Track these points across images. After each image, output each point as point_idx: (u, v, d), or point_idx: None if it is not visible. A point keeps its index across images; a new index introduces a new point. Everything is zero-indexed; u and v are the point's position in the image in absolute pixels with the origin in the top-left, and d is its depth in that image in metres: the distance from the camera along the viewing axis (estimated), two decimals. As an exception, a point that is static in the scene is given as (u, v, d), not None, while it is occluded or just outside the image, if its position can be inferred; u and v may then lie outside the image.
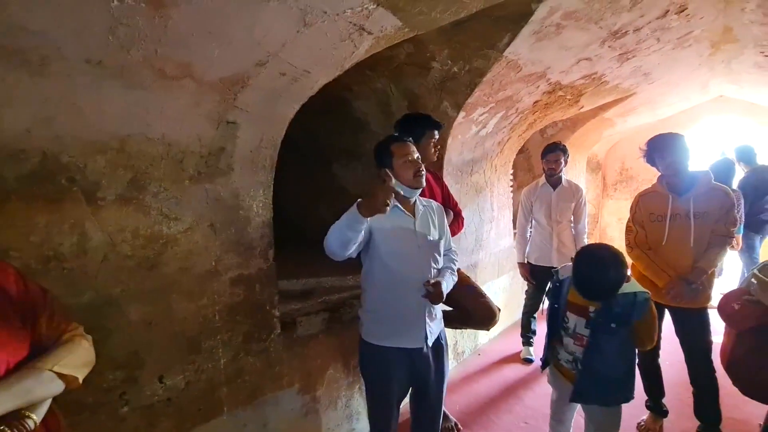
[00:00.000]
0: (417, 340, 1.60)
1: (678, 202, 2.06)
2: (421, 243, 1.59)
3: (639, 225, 2.20)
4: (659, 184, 2.16)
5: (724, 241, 2.02)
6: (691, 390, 2.19)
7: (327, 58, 1.46)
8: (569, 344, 1.62)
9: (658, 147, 2.07)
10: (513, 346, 3.36)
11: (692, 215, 2.03)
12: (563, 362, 1.67)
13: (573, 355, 1.62)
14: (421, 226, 1.61)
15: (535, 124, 3.39)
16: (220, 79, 1.31)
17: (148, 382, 1.35)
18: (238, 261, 1.58)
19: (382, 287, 1.58)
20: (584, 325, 1.56)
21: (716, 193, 2.04)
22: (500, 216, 3.59)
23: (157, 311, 1.36)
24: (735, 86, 4.19)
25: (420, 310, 1.59)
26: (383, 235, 1.53)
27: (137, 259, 1.31)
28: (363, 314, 1.67)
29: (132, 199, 1.28)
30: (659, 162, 2.08)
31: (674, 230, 2.06)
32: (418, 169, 1.54)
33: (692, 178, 2.06)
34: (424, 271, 1.59)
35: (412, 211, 1.60)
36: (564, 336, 1.64)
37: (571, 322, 1.61)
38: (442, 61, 2.15)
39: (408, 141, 1.59)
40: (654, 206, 2.14)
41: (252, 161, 1.59)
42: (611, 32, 2.10)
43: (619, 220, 6.33)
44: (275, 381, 1.76)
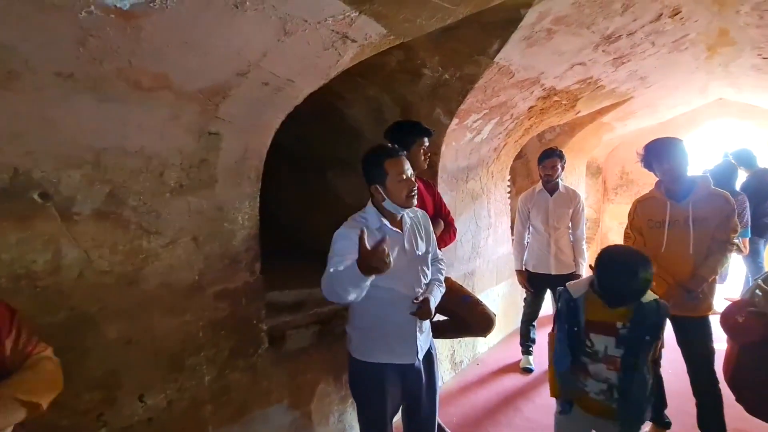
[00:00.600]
0: (408, 356, 1.56)
1: (676, 208, 2.02)
2: (411, 258, 1.55)
3: (637, 231, 2.16)
4: (657, 189, 2.12)
5: (725, 247, 1.98)
6: (694, 401, 2.12)
7: (311, 67, 1.44)
8: (600, 371, 1.42)
9: (656, 152, 2.03)
10: (512, 355, 3.29)
11: (691, 221, 1.98)
12: (592, 395, 1.45)
13: (608, 382, 1.41)
14: (410, 241, 1.56)
15: (531, 130, 3.36)
16: (199, 90, 1.28)
17: (127, 402, 1.31)
18: (222, 275, 1.55)
19: (371, 304, 1.51)
20: (614, 344, 1.40)
21: (716, 199, 1.99)
22: (498, 223, 3.54)
23: (137, 328, 1.32)
24: (734, 89, 4.15)
25: (410, 325, 1.55)
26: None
27: (115, 275, 1.27)
28: (351, 330, 1.62)
29: (109, 214, 1.25)
30: (657, 167, 2.04)
31: (673, 237, 2.02)
32: (411, 189, 1.47)
33: (691, 183, 2.02)
34: (413, 285, 1.55)
35: (399, 226, 1.55)
36: (590, 363, 1.44)
37: (599, 345, 1.42)
38: (433, 68, 2.12)
39: (401, 155, 1.49)
40: (652, 212, 2.10)
41: (236, 172, 1.56)
42: (604, 37, 2.07)
43: (621, 224, 6.25)
44: (263, 397, 1.72)
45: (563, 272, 2.94)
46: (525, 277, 3.07)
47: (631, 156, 6.48)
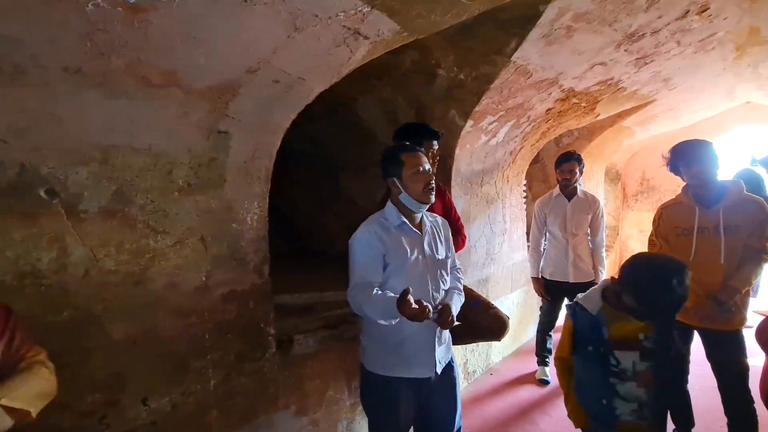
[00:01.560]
0: (426, 369, 1.47)
1: (706, 215, 1.90)
2: (430, 261, 1.48)
3: (663, 239, 2.05)
4: (684, 194, 2.01)
5: (759, 256, 1.85)
6: (725, 420, 1.99)
7: (322, 64, 1.40)
8: (631, 390, 1.30)
9: (683, 155, 1.91)
10: (527, 366, 3.18)
11: (722, 229, 1.86)
12: (624, 417, 1.32)
13: (638, 401, 1.30)
14: (429, 244, 1.50)
15: (548, 133, 3.27)
16: (208, 88, 1.26)
17: (130, 404, 1.28)
18: (230, 276, 1.52)
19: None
20: (639, 358, 1.30)
21: (749, 205, 1.87)
22: (513, 228, 3.45)
23: (142, 329, 1.30)
24: (763, 92, 3.98)
25: (429, 335, 1.46)
26: (392, 255, 1.42)
27: (121, 274, 1.25)
28: (365, 339, 1.55)
29: (116, 212, 1.23)
30: (684, 171, 1.93)
31: (702, 245, 1.90)
32: (428, 182, 1.42)
33: (721, 189, 1.90)
34: (432, 290, 1.47)
35: (419, 228, 1.49)
36: (619, 384, 1.31)
37: (626, 362, 1.30)
38: (447, 68, 2.07)
39: (420, 151, 1.47)
40: (679, 219, 1.99)
41: (246, 172, 1.53)
42: (627, 35, 1.98)
43: (641, 232, 6.06)
44: (270, 403, 1.67)
45: (582, 280, 2.83)
46: (542, 284, 2.97)
47: (653, 161, 6.31)
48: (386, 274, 1.42)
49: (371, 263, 1.40)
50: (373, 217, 1.50)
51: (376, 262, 1.40)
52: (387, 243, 1.41)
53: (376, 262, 1.40)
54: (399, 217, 1.45)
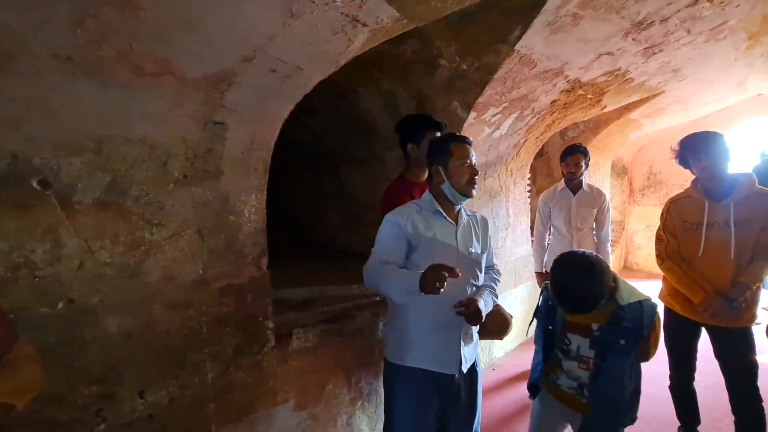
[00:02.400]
0: (449, 365, 1.45)
1: (716, 209, 1.85)
2: (461, 255, 1.46)
3: (671, 234, 2.00)
4: (693, 188, 1.95)
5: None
6: (733, 419, 1.96)
7: (320, 53, 1.37)
8: (573, 369, 1.42)
9: (693, 147, 1.86)
10: (530, 361, 3.15)
11: (733, 223, 1.81)
12: (564, 388, 1.47)
13: (578, 380, 1.42)
14: (463, 237, 1.48)
15: (553, 126, 3.21)
16: (203, 77, 1.24)
17: (127, 398, 1.27)
18: (227, 269, 1.50)
19: (414, 303, 1.43)
20: (588, 345, 1.38)
21: (761, 198, 1.82)
22: (517, 222, 3.41)
23: (138, 323, 1.29)
24: (775, 83, 3.88)
25: (455, 330, 1.45)
26: (422, 241, 1.41)
27: (116, 266, 1.24)
28: (388, 331, 1.55)
29: (111, 204, 1.21)
30: (694, 164, 1.88)
31: (712, 240, 1.85)
32: (474, 175, 1.43)
33: (732, 182, 1.85)
34: (462, 286, 1.45)
35: (455, 220, 1.48)
36: (564, 360, 1.44)
37: (573, 344, 1.42)
38: (449, 58, 2.03)
39: (469, 142, 1.46)
40: (688, 213, 1.93)
41: (243, 164, 1.51)
42: (635, 23, 1.93)
43: (647, 227, 5.99)
44: (268, 397, 1.66)
45: (586, 275, 2.79)
46: (545, 279, 2.93)
47: (660, 155, 6.23)
48: (414, 259, 1.41)
49: (393, 244, 1.40)
50: (408, 203, 1.52)
51: (399, 245, 1.39)
52: (418, 227, 1.41)
53: (399, 244, 1.39)
54: (434, 205, 1.45)
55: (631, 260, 6.17)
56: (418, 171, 1.90)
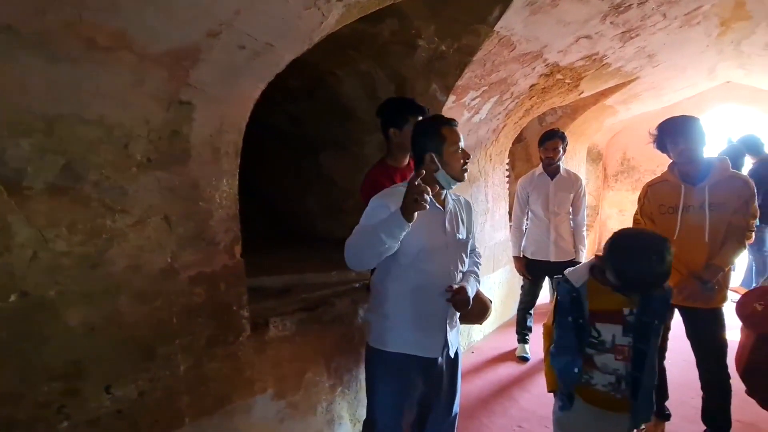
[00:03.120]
0: (433, 350, 1.44)
1: (691, 192, 1.89)
2: (449, 240, 1.44)
3: (648, 217, 2.03)
4: (670, 172, 1.99)
5: (743, 234, 1.85)
6: (701, 394, 2.04)
7: (291, 29, 1.30)
8: (609, 362, 1.32)
9: (670, 131, 1.88)
10: (508, 344, 3.22)
11: (707, 206, 1.85)
12: (599, 387, 1.35)
13: (616, 374, 1.32)
14: (451, 222, 1.45)
15: (532, 111, 3.22)
16: (165, 53, 1.15)
17: (92, 393, 1.21)
18: (198, 258, 1.43)
19: (399, 286, 1.41)
20: (621, 332, 1.31)
21: (735, 182, 1.86)
22: (495, 208, 3.43)
23: (102, 315, 1.22)
24: (743, 71, 4.00)
25: (441, 315, 1.44)
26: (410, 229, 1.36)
27: (76, 256, 1.16)
28: (372, 317, 1.52)
29: (67, 189, 1.13)
30: (671, 148, 1.90)
31: (687, 223, 1.89)
32: (467, 159, 1.40)
33: (708, 166, 1.88)
34: (450, 272, 1.43)
35: (442, 205, 1.45)
36: (597, 355, 1.33)
37: (606, 334, 1.32)
38: (428, 39, 1.98)
39: (457, 125, 1.41)
40: (664, 197, 1.97)
41: (213, 147, 1.43)
42: (613, 5, 1.92)
43: (620, 212, 6.17)
44: (245, 387, 1.62)
45: (563, 259, 2.84)
46: (523, 264, 2.98)
47: (634, 142, 6.37)
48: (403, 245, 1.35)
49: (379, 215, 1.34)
50: (395, 186, 1.48)
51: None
52: None
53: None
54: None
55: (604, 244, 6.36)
56: (400, 156, 1.87)
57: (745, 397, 2.05)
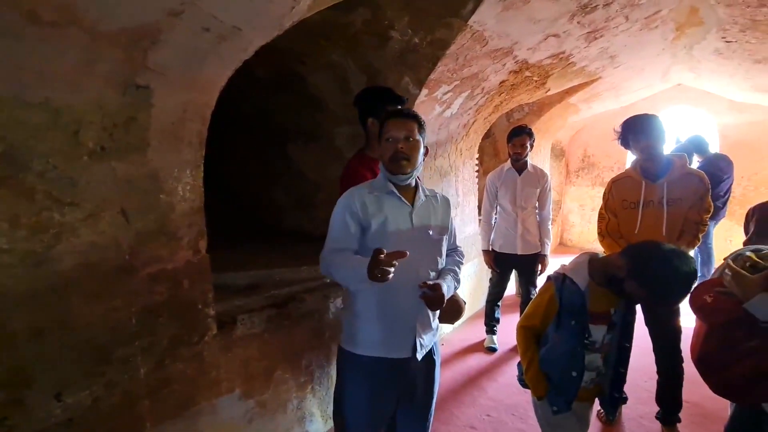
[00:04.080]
0: (403, 350, 1.38)
1: (652, 188, 1.98)
2: (418, 237, 1.37)
3: (612, 212, 2.12)
4: (633, 169, 2.08)
5: (697, 228, 1.96)
6: (656, 378, 2.17)
7: (261, 13, 1.23)
8: (594, 360, 1.36)
9: (633, 128, 1.96)
10: (477, 335, 3.29)
11: (665, 202, 1.95)
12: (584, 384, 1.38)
13: (597, 370, 1.37)
14: (419, 218, 1.39)
15: (501, 107, 3.28)
16: (120, 31, 1.06)
17: (39, 402, 1.11)
18: (159, 254, 1.35)
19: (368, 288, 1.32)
20: (606, 331, 1.34)
21: (691, 179, 1.97)
22: (465, 202, 3.48)
23: (50, 317, 1.12)
24: (693, 74, 4.26)
25: (411, 315, 1.37)
26: (374, 224, 1.33)
27: (18, 254, 1.05)
28: (345, 317, 1.46)
29: (7, 179, 1.02)
30: (633, 145, 1.98)
31: (647, 217, 1.98)
32: (395, 152, 1.31)
33: (667, 163, 1.98)
34: (419, 270, 1.36)
35: (411, 200, 1.39)
36: (586, 355, 1.35)
37: (596, 335, 1.33)
38: (401, 30, 1.95)
39: (405, 117, 1.34)
40: (627, 192, 2.06)
41: (174, 136, 1.34)
42: (581, 5, 1.97)
43: (581, 206, 6.45)
44: (211, 388, 1.56)
45: (529, 252, 2.93)
46: (492, 257, 3.04)
47: (593, 139, 6.61)
48: (368, 243, 1.33)
49: (344, 230, 1.34)
50: (364, 183, 1.43)
51: (349, 230, 1.33)
52: (369, 210, 1.34)
53: (349, 229, 1.33)
54: (387, 185, 1.36)
55: (566, 237, 6.63)
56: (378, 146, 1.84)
57: (693, 380, 2.21)
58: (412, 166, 1.34)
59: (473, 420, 2.31)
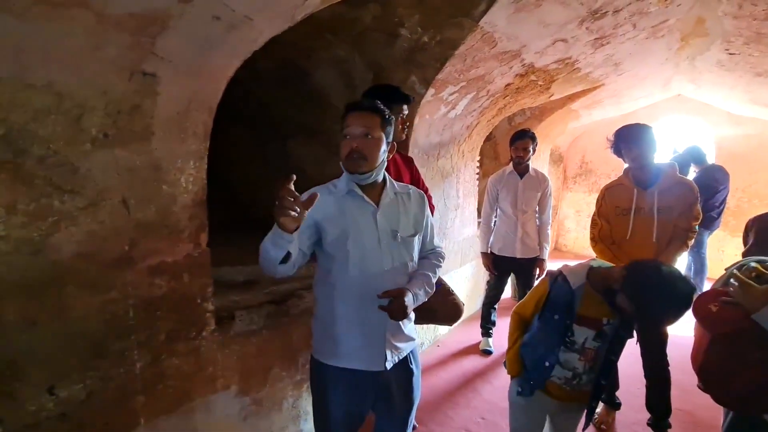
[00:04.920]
0: (373, 362, 1.29)
1: (643, 196, 2.03)
2: (384, 238, 1.27)
3: (604, 219, 2.15)
4: (626, 176, 2.12)
5: (686, 235, 2.01)
6: (645, 383, 2.19)
7: (273, 3, 1.20)
8: (571, 360, 1.37)
9: (625, 138, 2.01)
10: (472, 337, 3.29)
11: (656, 209, 2.00)
12: (554, 379, 1.41)
13: (573, 371, 1.38)
14: (385, 217, 1.28)
15: (504, 110, 3.27)
16: (129, 15, 1.02)
17: (31, 395, 1.08)
18: (160, 246, 1.32)
19: (332, 293, 1.28)
20: (593, 337, 1.34)
21: (681, 188, 2.01)
22: (465, 204, 3.47)
23: (45, 308, 1.08)
24: (693, 85, 4.29)
25: (380, 324, 1.27)
26: (334, 227, 1.24)
27: (14, 241, 1.02)
28: (314, 325, 1.39)
29: (5, 164, 0.98)
30: (626, 153, 2.04)
31: (638, 224, 2.03)
32: (351, 149, 1.20)
33: (658, 171, 2.03)
34: (386, 274, 1.26)
35: (375, 199, 1.29)
36: (564, 352, 1.37)
37: (579, 336, 1.35)
38: (411, 28, 1.93)
39: (366, 111, 1.23)
40: (619, 199, 2.10)
41: (179, 125, 1.31)
42: (591, 11, 1.96)
43: (577, 212, 6.48)
44: (207, 384, 1.53)
45: (528, 256, 2.93)
46: (490, 259, 3.04)
47: (592, 145, 6.64)
48: (328, 248, 1.26)
49: None
50: (326, 184, 1.34)
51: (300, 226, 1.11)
52: (329, 212, 1.24)
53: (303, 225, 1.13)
54: (348, 184, 1.27)
55: (561, 242, 6.66)
56: None
57: (685, 389, 2.23)
58: (371, 165, 1.22)
59: (468, 422, 2.30)
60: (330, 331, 1.30)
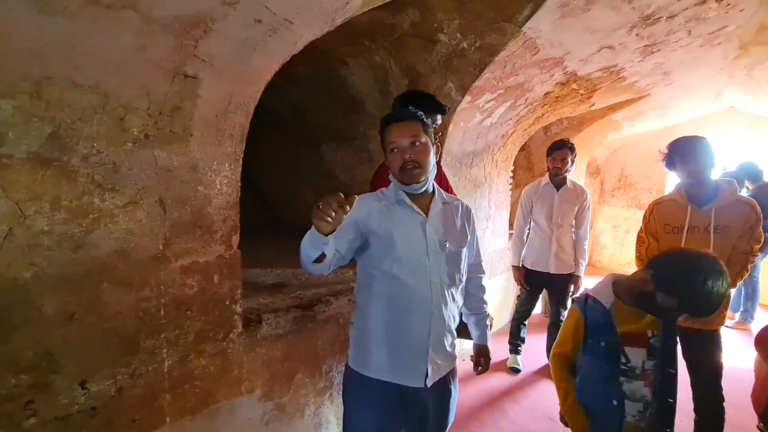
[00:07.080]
0: (413, 377, 1.24)
1: (697, 214, 1.87)
2: (433, 249, 1.24)
3: (652, 236, 2.01)
4: (678, 192, 1.97)
5: (746, 259, 1.85)
6: (694, 417, 2.01)
7: (314, 6, 1.19)
8: (638, 389, 1.22)
9: (681, 150, 1.87)
10: (500, 353, 3.16)
11: (712, 229, 1.84)
12: (629, 418, 1.23)
13: (643, 401, 1.22)
14: (434, 227, 1.26)
15: (542, 119, 3.16)
16: (174, 18, 1.04)
17: (64, 388, 1.10)
18: (193, 246, 1.32)
19: (376, 300, 1.25)
20: (646, 356, 1.23)
21: (741, 206, 1.85)
22: (497, 215, 3.37)
23: (82, 303, 1.10)
24: (749, 96, 4.01)
25: (423, 339, 1.24)
26: (381, 236, 1.21)
27: (56, 236, 1.04)
28: (354, 333, 1.35)
29: (52, 161, 1.01)
30: (680, 167, 1.89)
31: (691, 244, 1.87)
32: (404, 161, 1.19)
33: (715, 188, 1.88)
34: (434, 287, 1.23)
35: (425, 209, 1.26)
36: (626, 382, 1.23)
37: (635, 360, 1.22)
38: (450, 34, 1.88)
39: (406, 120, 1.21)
40: (670, 216, 1.95)
41: (217, 128, 1.32)
42: (643, 16, 1.86)
43: (614, 227, 6.19)
44: (232, 387, 1.52)
45: (563, 272, 2.79)
46: (522, 273, 2.92)
47: (632, 158, 6.34)
48: (374, 255, 1.23)
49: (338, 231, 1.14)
50: (377, 191, 1.32)
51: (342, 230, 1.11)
52: (377, 220, 1.22)
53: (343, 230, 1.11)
54: (397, 193, 1.25)
55: (595, 258, 6.37)
56: None
57: (742, 427, 2.04)
58: (425, 173, 1.21)
59: (494, 444, 2.20)
60: (369, 340, 1.27)
